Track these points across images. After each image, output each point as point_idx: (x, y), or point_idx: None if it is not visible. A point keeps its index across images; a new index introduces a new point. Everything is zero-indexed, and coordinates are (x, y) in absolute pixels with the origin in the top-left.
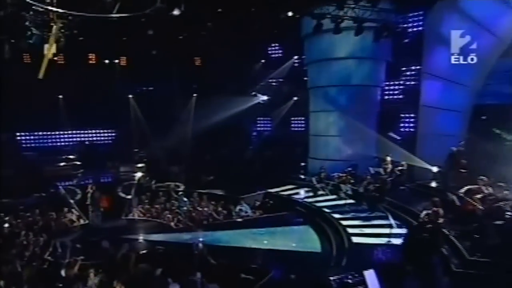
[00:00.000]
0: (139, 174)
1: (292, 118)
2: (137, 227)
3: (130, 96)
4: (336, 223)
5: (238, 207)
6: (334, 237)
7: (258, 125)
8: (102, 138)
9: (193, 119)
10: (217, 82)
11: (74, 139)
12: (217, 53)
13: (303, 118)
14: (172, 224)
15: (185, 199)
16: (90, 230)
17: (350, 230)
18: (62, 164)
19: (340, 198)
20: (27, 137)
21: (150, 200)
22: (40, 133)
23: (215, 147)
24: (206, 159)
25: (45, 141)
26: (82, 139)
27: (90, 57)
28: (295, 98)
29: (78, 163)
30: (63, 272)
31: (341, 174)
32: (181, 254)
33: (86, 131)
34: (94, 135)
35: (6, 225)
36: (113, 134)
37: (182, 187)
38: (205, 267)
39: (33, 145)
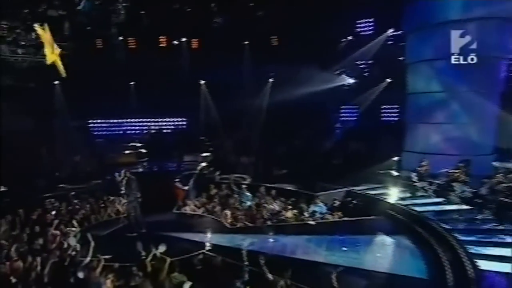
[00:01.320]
0: (202, 164)
1: (383, 106)
2: (185, 223)
3: (202, 82)
4: (449, 236)
5: (312, 207)
6: (446, 256)
7: (342, 113)
8: (171, 126)
9: (268, 106)
10: (296, 65)
11: (143, 127)
12: (297, 31)
13: (396, 106)
14: (227, 222)
15: (248, 193)
16: (128, 224)
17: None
18: (127, 152)
19: (449, 202)
20: (98, 125)
21: (211, 193)
22: (111, 120)
23: (290, 138)
24: (279, 150)
25: (115, 128)
26: (151, 127)
27: (161, 40)
28: (388, 80)
29: (144, 151)
30: (81, 274)
31: (453, 170)
32: (229, 263)
33: (155, 119)
34: (163, 123)
35: (54, 212)
36: (182, 123)
37: (247, 180)
38: (258, 283)
39: (103, 132)
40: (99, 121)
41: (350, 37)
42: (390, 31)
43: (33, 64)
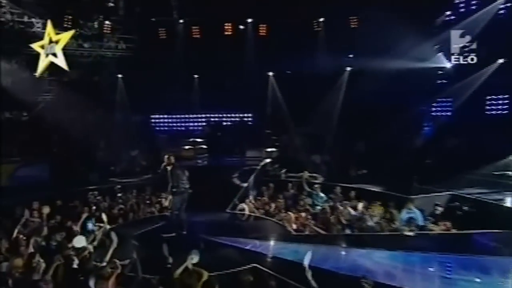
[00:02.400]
0: (266, 160)
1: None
2: (237, 226)
3: (270, 73)
4: None
5: (405, 213)
6: None
7: (437, 103)
8: (235, 121)
9: (344, 98)
10: (379, 49)
11: (206, 122)
12: (380, 9)
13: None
14: (292, 227)
15: (322, 194)
16: (167, 223)
17: None
18: (186, 147)
19: None
20: (160, 120)
21: (274, 192)
22: (173, 116)
23: (372, 133)
24: (359, 148)
25: (177, 123)
26: (213, 121)
27: (227, 27)
28: (500, 61)
29: (204, 146)
30: (92, 283)
31: None
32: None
33: (218, 114)
34: (226, 117)
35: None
36: (247, 117)
37: (320, 179)
38: None
39: (165, 127)
40: (160, 116)
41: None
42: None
43: (98, 58)
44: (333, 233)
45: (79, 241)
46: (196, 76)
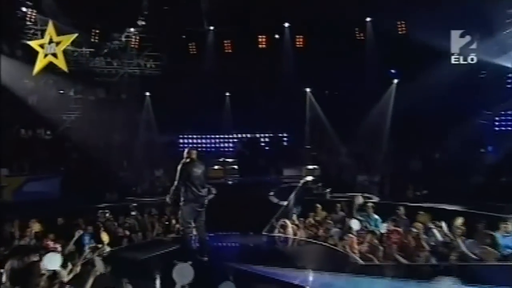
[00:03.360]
0: (308, 178)
1: None
2: (280, 251)
3: (307, 90)
4: None
5: (503, 237)
6: None
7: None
8: (269, 140)
9: (393, 112)
10: (430, 55)
11: (238, 141)
12: (429, 15)
13: None
14: (355, 254)
15: (375, 216)
16: (183, 245)
17: None
18: (216, 167)
19: None
20: (189, 139)
21: (321, 213)
22: (202, 135)
23: (427, 149)
24: (413, 165)
25: (206, 143)
26: (246, 140)
27: (260, 39)
28: None
29: (235, 167)
30: None
31: None
32: None
33: (252, 133)
34: (260, 135)
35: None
36: (283, 135)
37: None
38: None
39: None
40: (189, 135)
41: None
42: None
43: (126, 76)
44: (418, 262)
45: (52, 262)
46: (227, 93)
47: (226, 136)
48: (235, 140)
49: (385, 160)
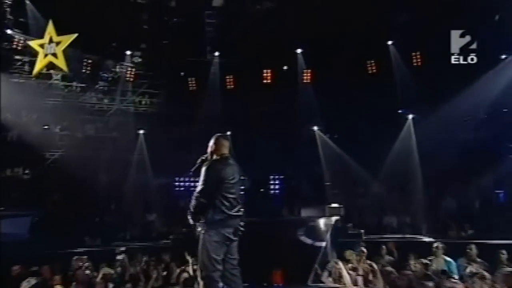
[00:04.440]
0: (334, 217)
1: None
2: None
3: (315, 128)
4: None
5: None
6: None
7: None
8: (277, 181)
9: (416, 147)
10: (449, 87)
11: (242, 183)
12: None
13: None
14: None
15: (448, 258)
16: None
17: None
18: None
19: None
20: (186, 182)
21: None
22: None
23: (459, 185)
24: (447, 203)
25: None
26: (251, 182)
27: (265, 74)
28: None
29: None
30: None
31: None
32: None
33: (256, 174)
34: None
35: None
36: (293, 176)
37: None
38: None
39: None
40: (186, 178)
41: None
42: None
43: (118, 113)
44: None
45: None
46: (229, 132)
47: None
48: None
49: (413, 198)
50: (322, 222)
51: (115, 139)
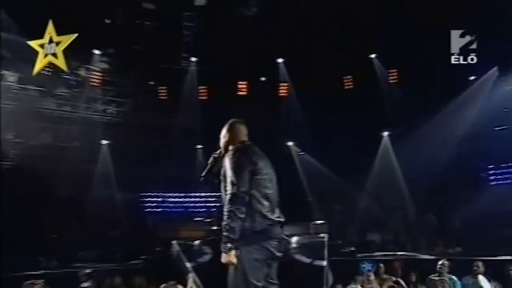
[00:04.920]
0: (323, 235)
1: None
2: None
3: (290, 143)
4: None
5: None
6: None
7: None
8: None
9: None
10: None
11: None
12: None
13: None
14: None
15: (453, 277)
16: None
17: None
18: (188, 228)
19: None
20: (154, 198)
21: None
22: (171, 194)
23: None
24: (429, 219)
25: (174, 203)
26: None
27: (241, 86)
28: None
29: (215, 227)
30: None
31: None
32: None
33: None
34: None
35: None
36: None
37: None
38: None
39: (160, 207)
40: (153, 193)
41: None
42: None
43: (81, 121)
44: None
45: None
46: (199, 146)
47: (198, 194)
48: (211, 199)
49: (396, 215)
50: (313, 239)
51: (77, 149)
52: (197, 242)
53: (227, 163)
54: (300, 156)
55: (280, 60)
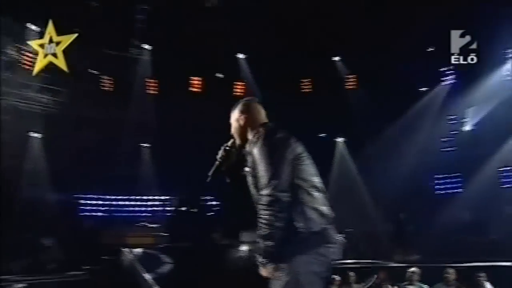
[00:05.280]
0: None
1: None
2: None
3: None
4: None
5: None
6: None
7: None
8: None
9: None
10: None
11: (162, 203)
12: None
13: None
14: None
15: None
16: None
17: None
18: (132, 234)
19: None
20: (92, 201)
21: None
22: (112, 196)
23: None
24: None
25: (116, 206)
26: (175, 202)
27: (194, 81)
28: None
29: (164, 234)
30: None
31: None
32: None
33: (178, 194)
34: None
35: None
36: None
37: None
38: None
39: (98, 211)
40: (91, 195)
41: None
42: None
43: (8, 109)
44: None
45: None
46: (145, 144)
47: (143, 197)
48: (156, 203)
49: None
50: None
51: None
52: (152, 250)
53: (256, 153)
54: None
55: (241, 56)
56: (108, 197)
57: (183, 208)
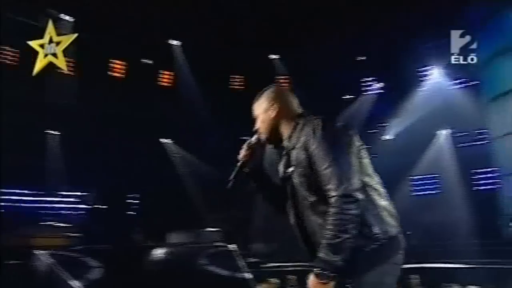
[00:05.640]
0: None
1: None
2: None
3: (168, 141)
4: None
5: None
6: None
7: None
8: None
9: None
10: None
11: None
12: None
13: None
14: None
15: None
16: None
17: None
18: (43, 236)
19: None
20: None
21: None
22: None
23: None
24: None
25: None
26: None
27: (116, 65)
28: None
29: (76, 234)
30: None
31: None
32: None
33: (96, 189)
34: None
35: None
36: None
37: None
38: None
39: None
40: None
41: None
42: None
43: None
44: None
45: None
46: (57, 132)
47: (55, 192)
48: (72, 198)
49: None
50: (220, 249)
51: None
52: (74, 253)
53: (315, 148)
54: (187, 154)
55: (174, 43)
56: (8, 190)
57: (100, 206)
